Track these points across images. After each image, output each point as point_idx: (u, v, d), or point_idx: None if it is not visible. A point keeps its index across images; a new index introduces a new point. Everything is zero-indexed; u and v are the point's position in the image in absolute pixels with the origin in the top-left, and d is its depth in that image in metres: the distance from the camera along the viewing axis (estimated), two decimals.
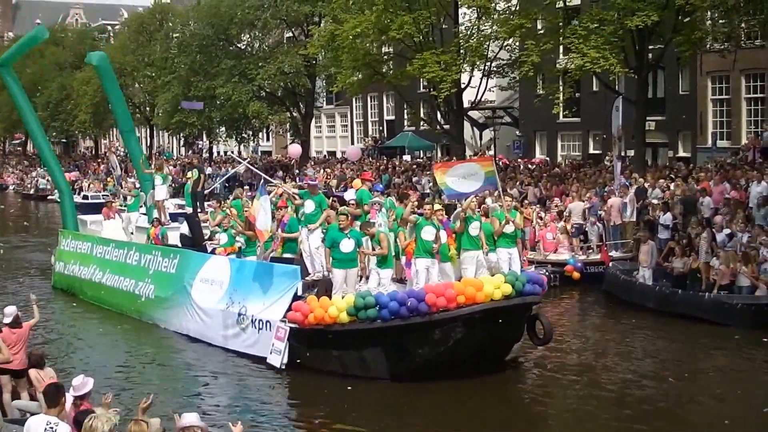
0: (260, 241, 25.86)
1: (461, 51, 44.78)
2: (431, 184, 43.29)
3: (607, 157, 49.24)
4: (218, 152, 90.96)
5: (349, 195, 28.43)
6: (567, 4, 42.78)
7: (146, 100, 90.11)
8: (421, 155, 68.57)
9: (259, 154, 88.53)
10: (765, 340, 25.58)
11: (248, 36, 70.09)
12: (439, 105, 47.90)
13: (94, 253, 34.19)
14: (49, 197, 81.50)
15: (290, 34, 70.81)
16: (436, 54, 43.31)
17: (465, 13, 47.69)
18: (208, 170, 64.70)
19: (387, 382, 21.76)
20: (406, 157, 65.91)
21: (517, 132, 63.61)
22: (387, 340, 21.66)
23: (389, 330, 21.47)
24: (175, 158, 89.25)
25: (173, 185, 37.48)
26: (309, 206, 25.95)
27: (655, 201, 35.45)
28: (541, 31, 43.88)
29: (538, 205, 39.06)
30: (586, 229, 35.89)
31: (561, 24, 42.01)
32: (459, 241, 23.88)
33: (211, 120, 71.52)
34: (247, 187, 51.41)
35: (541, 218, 37.19)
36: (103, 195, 66.06)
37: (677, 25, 38.94)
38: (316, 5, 61.71)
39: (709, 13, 39.39)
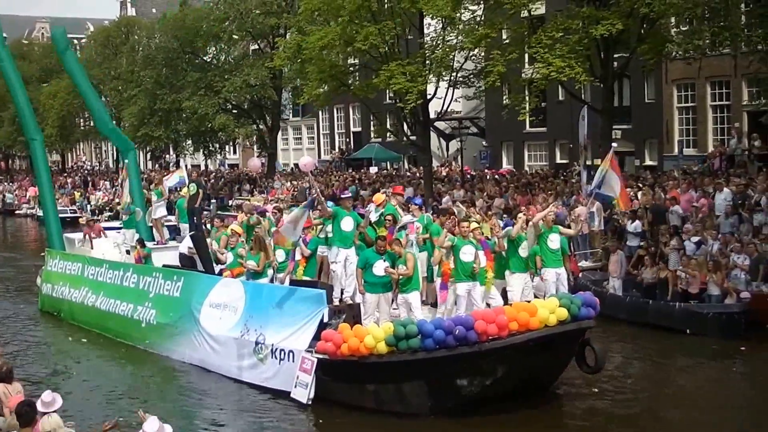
0: (281, 243, 23.87)
1: (427, 62, 44.67)
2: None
3: (574, 167, 49.27)
4: (186, 165, 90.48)
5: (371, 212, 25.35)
6: (532, 13, 42.72)
7: (112, 113, 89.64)
8: (388, 167, 68.51)
9: (226, 167, 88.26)
10: (743, 349, 25.71)
11: (214, 48, 69.90)
12: (406, 116, 47.71)
13: (86, 275, 32.30)
14: (17, 212, 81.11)
15: (256, 47, 70.60)
16: (402, 65, 43.15)
17: (430, 24, 47.60)
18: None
19: (428, 418, 19.92)
20: (373, 169, 65.81)
21: (484, 142, 63.61)
22: (430, 373, 19.83)
23: (433, 361, 19.64)
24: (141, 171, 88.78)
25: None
26: (347, 223, 23.45)
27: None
28: (507, 41, 43.85)
29: (505, 216, 38.94)
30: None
31: (526, 33, 41.92)
32: (499, 262, 22.66)
33: (178, 133, 71.23)
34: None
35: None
36: (70, 210, 65.62)
37: (642, 34, 38.97)
38: (282, 17, 61.65)
39: (673, 21, 39.44)
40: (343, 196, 26.83)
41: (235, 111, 68.21)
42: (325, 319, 21.73)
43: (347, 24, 43.73)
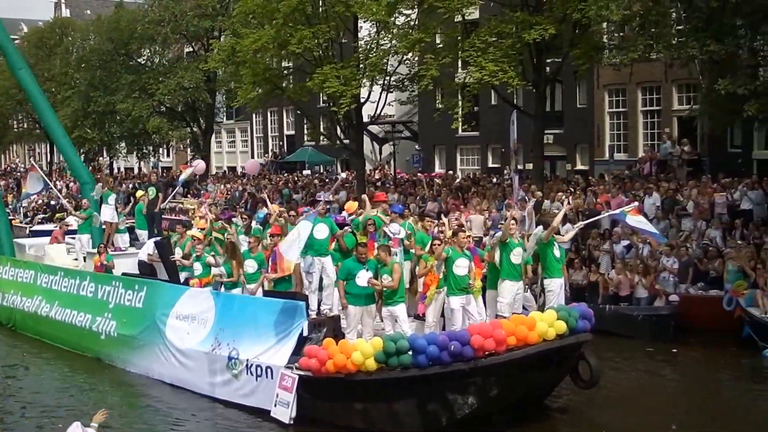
0: (279, 273, 21.91)
1: (361, 65, 44.69)
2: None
3: (505, 171, 49.56)
4: (118, 168, 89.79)
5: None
6: (465, 18, 42.89)
7: None
8: (321, 170, 68.51)
9: (160, 169, 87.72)
10: (675, 351, 26.09)
11: (148, 51, 69.53)
12: (339, 120, 47.66)
13: (39, 283, 30.88)
14: None
15: (190, 49, 70.42)
16: (336, 69, 43.15)
17: (364, 28, 47.66)
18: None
19: None
20: (306, 172, 65.78)
21: (417, 146, 63.74)
22: (423, 391, 18.83)
23: (426, 379, 18.68)
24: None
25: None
26: (321, 230, 22.68)
27: (556, 212, 35.66)
28: (440, 46, 43.96)
29: (438, 220, 39.07)
30: (486, 241, 35.98)
31: (460, 38, 42.10)
32: (493, 272, 21.83)
33: (111, 135, 70.74)
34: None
35: (442, 232, 37.16)
36: None
37: (574, 39, 39.29)
38: (216, 20, 61.54)
39: (605, 26, 39.79)
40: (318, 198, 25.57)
41: (169, 114, 67.88)
42: (305, 333, 20.81)
43: (281, 27, 43.62)
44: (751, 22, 30.42)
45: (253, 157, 78.31)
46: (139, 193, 34.49)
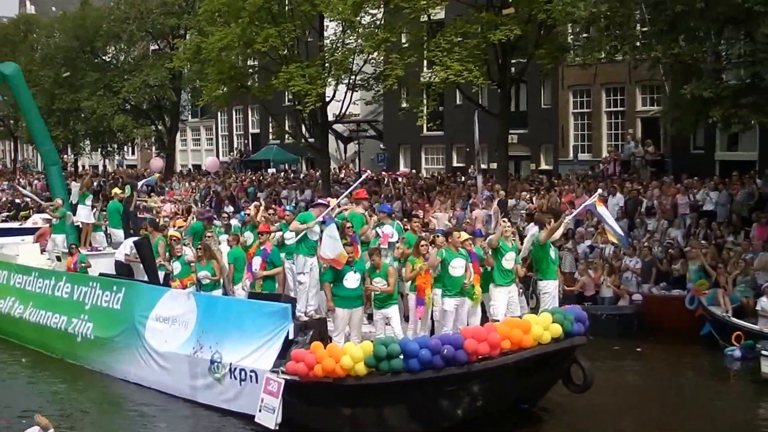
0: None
1: (326, 64, 44.70)
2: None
3: (470, 170, 49.71)
4: (83, 166, 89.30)
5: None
6: (431, 18, 43.06)
7: (10, 112, 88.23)
8: (287, 168, 68.48)
9: (125, 167, 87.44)
10: (639, 349, 26.34)
11: (114, 48, 69.18)
12: (304, 118, 47.68)
13: (12, 283, 30.05)
14: None
15: (156, 47, 70.13)
16: (302, 67, 43.13)
17: (330, 27, 47.68)
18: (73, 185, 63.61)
19: None
20: (271, 170, 65.75)
21: (381, 145, 63.82)
22: (414, 396, 18.27)
23: (418, 384, 18.06)
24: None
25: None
26: (315, 232, 21.34)
27: (522, 211, 35.86)
28: (406, 45, 44.06)
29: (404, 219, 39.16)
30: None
31: (425, 38, 42.24)
32: (486, 276, 20.99)
33: (76, 133, 70.37)
34: None
35: (406, 230, 37.19)
36: None
37: (539, 40, 39.48)
38: (182, 18, 61.46)
39: (570, 28, 40.01)
40: (320, 201, 24.19)
41: (134, 111, 67.60)
42: (291, 336, 20.11)
43: (247, 26, 43.55)
44: (716, 26, 30.65)
45: (218, 155, 78.22)
46: (115, 191, 33.66)
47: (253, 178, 60.27)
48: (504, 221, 22.41)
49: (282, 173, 64.15)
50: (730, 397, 23.53)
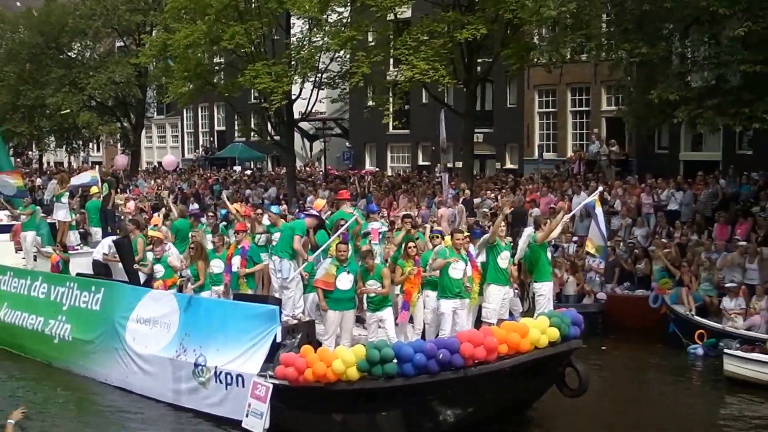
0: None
1: (292, 62, 44.66)
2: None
3: (436, 169, 49.81)
4: (48, 162, 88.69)
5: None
6: (398, 16, 43.08)
7: None
8: (252, 166, 68.41)
9: (90, 164, 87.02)
10: (604, 348, 26.47)
11: (79, 45, 68.67)
12: (270, 116, 47.61)
13: None
14: None
15: (122, 44, 69.86)
16: (268, 65, 43.07)
17: (297, 24, 47.66)
18: (38, 181, 63.47)
19: None
20: (237, 168, 65.67)
21: (347, 143, 63.86)
22: (408, 401, 17.68)
23: (412, 389, 17.47)
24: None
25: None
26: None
27: (486, 210, 35.93)
28: (372, 43, 44.11)
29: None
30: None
31: (392, 36, 42.29)
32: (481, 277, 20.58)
33: (41, 129, 69.89)
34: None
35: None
36: None
37: (506, 39, 39.59)
38: (148, 15, 61.12)
39: (536, 28, 40.13)
40: (312, 212, 23.52)
41: (99, 108, 67.18)
42: (278, 339, 19.45)
43: (213, 23, 43.45)
44: (681, 28, 30.83)
45: (183, 153, 78.09)
46: (93, 189, 32.70)
47: (219, 176, 60.17)
48: (503, 219, 21.75)
49: (248, 171, 64.07)
50: (693, 394, 23.66)
